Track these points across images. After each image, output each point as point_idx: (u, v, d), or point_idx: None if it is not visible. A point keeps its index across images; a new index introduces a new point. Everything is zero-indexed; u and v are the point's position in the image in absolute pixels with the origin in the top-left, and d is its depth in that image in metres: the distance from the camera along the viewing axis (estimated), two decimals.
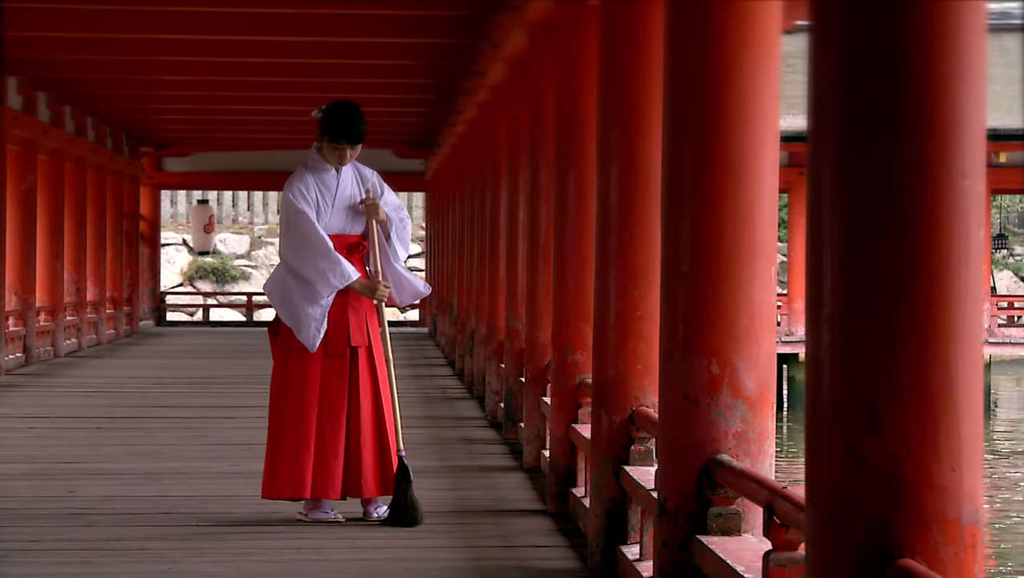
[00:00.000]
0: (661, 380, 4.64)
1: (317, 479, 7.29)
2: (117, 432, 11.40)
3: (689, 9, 4.54)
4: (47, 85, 19.23)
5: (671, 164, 4.59)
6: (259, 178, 30.56)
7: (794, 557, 3.75)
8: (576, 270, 7.72)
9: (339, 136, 7.36)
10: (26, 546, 6.75)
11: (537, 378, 9.36)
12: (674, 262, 4.58)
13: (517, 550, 6.76)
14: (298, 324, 7.28)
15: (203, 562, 6.44)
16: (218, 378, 16.78)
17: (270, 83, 19.17)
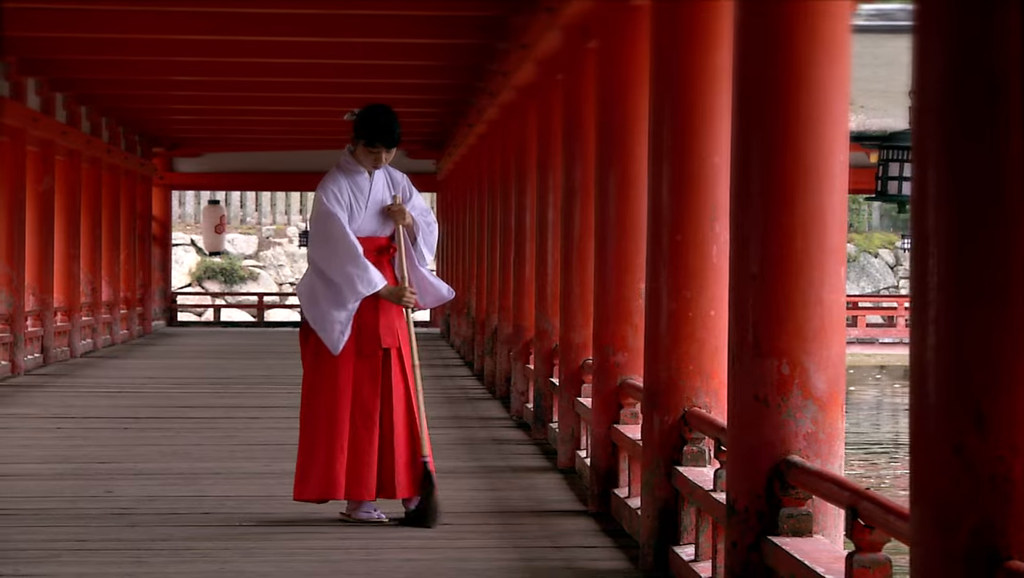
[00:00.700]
0: (730, 381, 4.64)
1: (351, 480, 7.31)
2: (145, 432, 11.40)
3: (759, 9, 4.54)
4: (64, 86, 19.23)
5: (740, 166, 4.60)
6: (270, 178, 30.58)
7: (878, 559, 3.76)
8: (618, 272, 7.73)
9: (375, 139, 7.37)
10: (74, 546, 6.77)
11: (571, 379, 9.36)
12: (744, 263, 4.58)
13: (565, 551, 6.77)
14: (323, 326, 7.29)
15: (254, 562, 6.45)
16: (237, 378, 16.79)
17: (282, 83, 19.19)
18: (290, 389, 15.39)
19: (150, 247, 28.14)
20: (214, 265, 42.35)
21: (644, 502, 6.23)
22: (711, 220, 6.05)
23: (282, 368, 18.43)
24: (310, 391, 7.42)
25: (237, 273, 42.62)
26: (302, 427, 7.45)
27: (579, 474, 9.07)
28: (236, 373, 17.59)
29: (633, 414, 7.64)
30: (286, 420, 12.36)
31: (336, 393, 7.32)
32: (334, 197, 7.31)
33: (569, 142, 9.42)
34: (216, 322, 31.48)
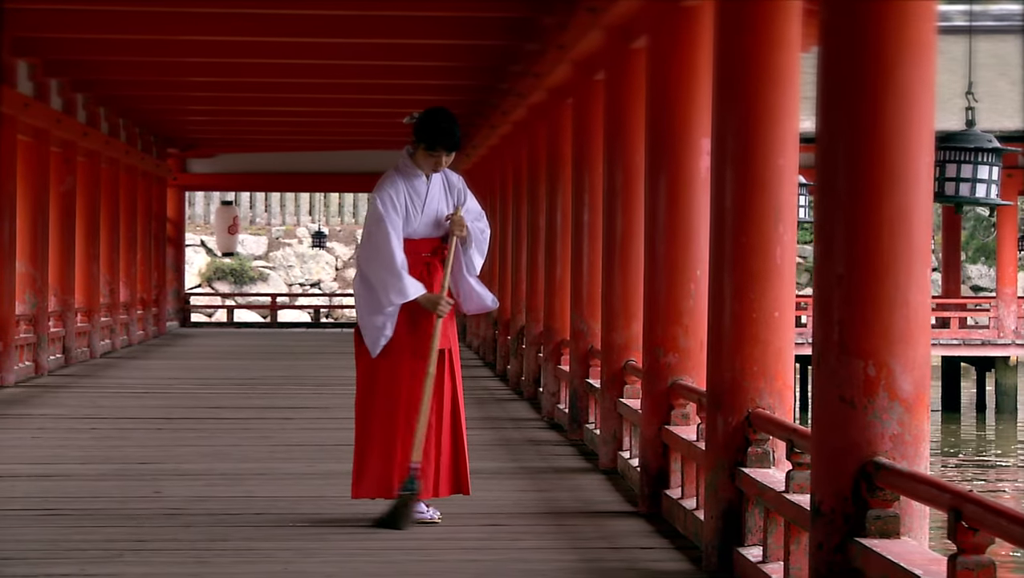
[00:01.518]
0: (815, 382, 4.66)
1: (402, 479, 7.33)
2: (180, 433, 11.42)
3: (846, 9, 4.56)
4: (85, 87, 19.26)
5: (825, 167, 4.61)
6: (283, 179, 30.59)
7: (982, 561, 3.78)
8: (668, 273, 7.75)
9: (436, 143, 7.39)
10: (134, 546, 6.78)
11: (613, 380, 9.38)
12: (829, 264, 4.60)
13: (623, 552, 6.78)
14: (364, 327, 7.35)
15: (316, 562, 6.47)
16: (260, 379, 16.79)
17: (296, 84, 19.22)
18: (315, 390, 15.45)
19: (165, 248, 28.18)
20: (224, 266, 42.41)
21: (707, 503, 6.24)
22: (775, 222, 6.07)
23: (303, 369, 18.48)
24: (365, 391, 7.44)
25: (247, 274, 42.66)
26: (357, 427, 7.48)
27: (622, 475, 9.09)
28: (259, 374, 17.61)
29: (684, 415, 7.66)
30: (318, 421, 12.41)
31: (390, 394, 7.36)
32: (389, 200, 7.33)
33: (611, 143, 9.44)
34: (229, 323, 31.48)
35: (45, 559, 6.47)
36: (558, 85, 12.33)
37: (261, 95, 20.37)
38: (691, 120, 7.68)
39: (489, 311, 7.93)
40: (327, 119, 23.66)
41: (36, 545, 6.77)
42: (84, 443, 10.72)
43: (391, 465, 7.32)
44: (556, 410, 12.44)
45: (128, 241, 23.47)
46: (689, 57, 7.67)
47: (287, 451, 10.31)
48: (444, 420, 7.44)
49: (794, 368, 6.18)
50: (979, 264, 42.31)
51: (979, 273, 42.26)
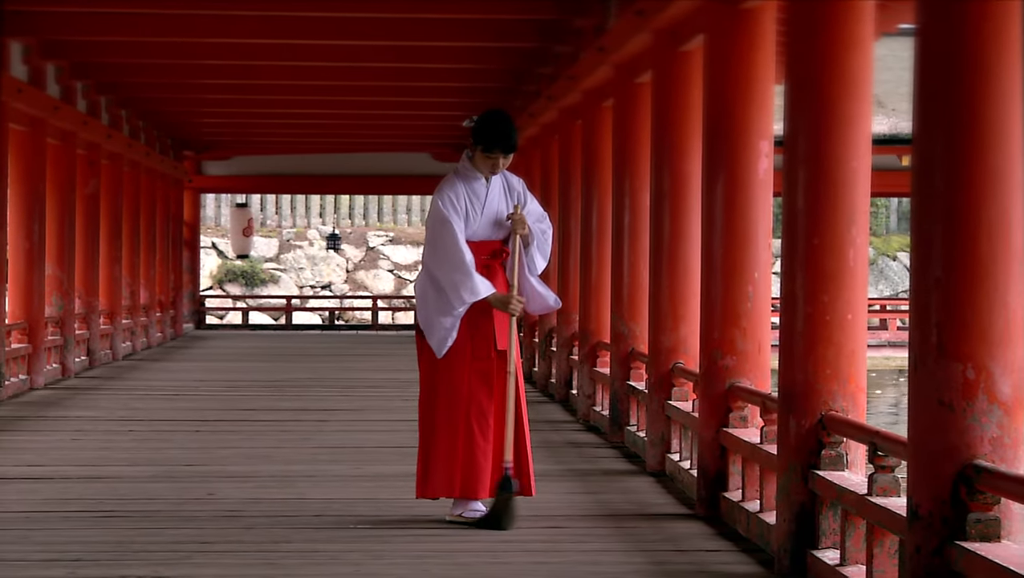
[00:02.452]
0: (911, 385, 4.66)
1: (466, 479, 7.37)
2: (218, 435, 11.41)
3: (944, 12, 4.56)
4: (108, 89, 19.26)
5: (923, 170, 4.61)
6: (298, 181, 30.59)
7: None
8: (726, 275, 7.75)
9: (494, 145, 7.42)
10: (200, 547, 6.78)
11: (661, 382, 9.38)
12: (927, 268, 4.60)
13: (690, 554, 6.78)
14: (430, 329, 7.38)
15: (385, 565, 6.47)
16: (287, 381, 16.77)
17: (312, 86, 19.22)
18: (343, 392, 15.44)
19: (181, 250, 28.19)
20: (235, 268, 42.40)
21: (779, 506, 6.24)
22: (848, 224, 6.07)
23: (327, 371, 18.46)
24: (428, 392, 7.46)
25: (258, 276, 42.66)
26: (421, 428, 7.50)
27: (671, 477, 9.09)
28: (284, 376, 17.58)
29: (742, 418, 7.67)
30: (354, 423, 12.41)
31: (451, 395, 7.40)
32: (450, 203, 7.37)
33: (659, 146, 9.44)
34: (244, 325, 31.47)
35: (116, 561, 6.47)
36: (596, 87, 12.33)
37: (277, 97, 20.38)
38: (749, 122, 7.69)
39: (552, 311, 7.94)
40: (343, 121, 23.68)
41: (103, 546, 6.78)
42: (125, 445, 10.72)
43: (454, 465, 7.36)
44: (592, 413, 12.43)
45: (148, 243, 23.48)
46: (748, 59, 7.67)
47: (330, 453, 10.31)
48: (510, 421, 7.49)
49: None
50: None
51: None
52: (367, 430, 11.86)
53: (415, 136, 26.86)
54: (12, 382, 14.54)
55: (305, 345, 24.82)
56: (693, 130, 9.32)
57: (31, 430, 11.77)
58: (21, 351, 15.09)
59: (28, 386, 15.33)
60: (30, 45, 15.17)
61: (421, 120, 24.08)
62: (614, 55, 10.92)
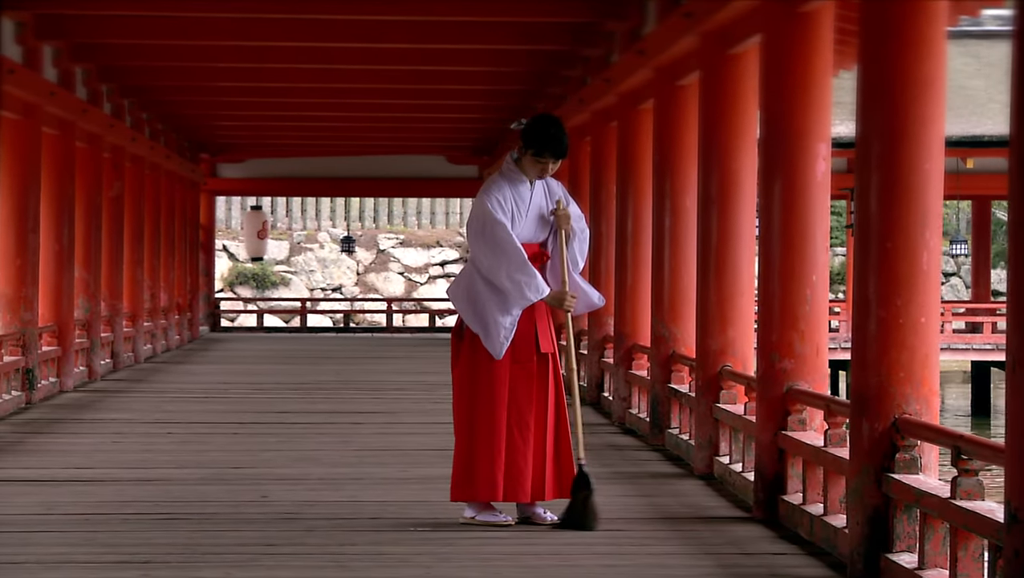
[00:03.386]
0: (1009, 388, 4.65)
1: (508, 483, 7.37)
2: (257, 437, 11.41)
3: None
4: (132, 92, 19.26)
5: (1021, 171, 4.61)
6: (312, 184, 30.62)
7: None
8: (784, 279, 7.75)
9: (544, 150, 7.43)
10: (266, 550, 6.79)
11: (709, 385, 9.38)
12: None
13: (757, 558, 6.78)
14: (487, 331, 7.36)
15: (455, 567, 6.47)
16: (313, 384, 16.77)
17: (328, 89, 19.22)
18: (373, 395, 15.44)
19: (198, 253, 28.21)
20: (246, 271, 42.45)
21: (851, 509, 6.25)
22: (921, 227, 6.08)
23: (351, 373, 18.45)
24: (467, 395, 7.46)
25: (269, 279, 42.70)
26: (459, 430, 7.50)
27: (721, 480, 9.09)
28: (309, 378, 17.57)
29: (801, 421, 7.67)
30: (390, 426, 12.41)
31: (493, 397, 7.40)
32: (498, 204, 7.38)
33: (707, 149, 9.44)
34: (259, 327, 31.48)
35: (186, 563, 6.48)
36: (633, 90, 12.32)
37: (293, 100, 20.37)
38: (807, 125, 7.69)
39: (595, 309, 7.96)
40: (358, 124, 23.68)
41: (169, 549, 6.78)
42: (167, 447, 10.73)
43: (497, 469, 7.36)
44: (628, 415, 12.43)
45: (167, 246, 23.50)
46: (806, 61, 7.68)
47: (374, 456, 10.32)
48: (549, 425, 7.49)
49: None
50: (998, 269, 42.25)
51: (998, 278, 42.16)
52: (404, 433, 11.87)
53: (430, 139, 26.87)
54: (43, 385, 14.54)
55: (322, 347, 24.82)
56: (743, 132, 9.34)
57: (70, 433, 11.78)
58: (51, 354, 15.09)
59: (58, 389, 15.33)
60: (60, 48, 15.17)
61: (437, 123, 24.09)
62: (656, 58, 10.92)
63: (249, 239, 32.51)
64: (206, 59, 16.81)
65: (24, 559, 6.52)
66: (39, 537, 7.08)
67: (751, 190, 9.43)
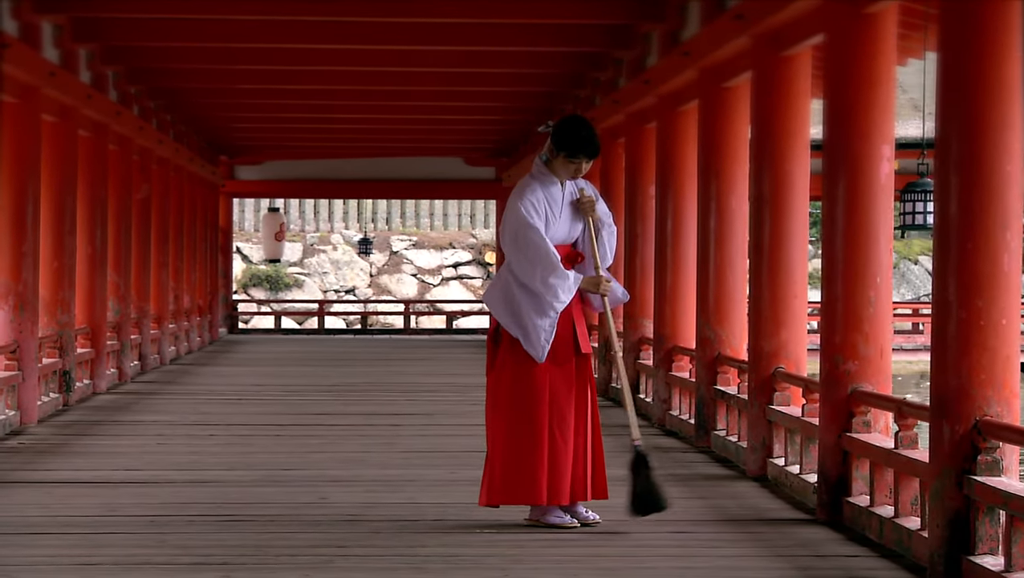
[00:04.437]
0: None
1: (551, 485, 7.38)
2: (300, 439, 11.41)
3: None
4: (160, 95, 19.27)
5: None
6: (330, 186, 30.61)
7: None
8: (847, 281, 7.74)
9: (577, 151, 7.45)
10: (339, 552, 6.78)
11: (762, 387, 9.37)
12: None
13: (831, 560, 6.77)
14: (527, 335, 7.37)
15: (532, 570, 6.47)
16: (344, 386, 16.75)
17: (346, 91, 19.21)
18: (406, 396, 15.42)
19: (218, 254, 28.23)
20: (260, 272, 42.46)
21: (931, 511, 6.24)
22: (1003, 228, 6.07)
23: (379, 375, 18.42)
24: (506, 398, 7.46)
25: (283, 280, 42.71)
26: (496, 433, 7.49)
27: (775, 482, 9.08)
28: (338, 380, 17.55)
29: (865, 422, 7.66)
30: (430, 428, 12.41)
31: (535, 400, 7.41)
32: (532, 207, 7.40)
33: (759, 150, 9.43)
34: (277, 329, 31.49)
35: (262, 565, 6.48)
36: (674, 91, 12.31)
37: (312, 102, 20.36)
38: (871, 126, 7.69)
39: (620, 304, 7.98)
40: (376, 126, 23.68)
41: (241, 550, 6.78)
42: (213, 449, 10.72)
43: (539, 472, 7.37)
44: (669, 417, 12.43)
45: (191, 248, 23.51)
46: (870, 62, 7.68)
47: (422, 458, 10.31)
48: (586, 425, 7.52)
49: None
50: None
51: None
52: (446, 435, 11.87)
53: (449, 141, 26.88)
54: (78, 387, 14.54)
55: (343, 349, 24.81)
56: (795, 133, 9.34)
57: (113, 435, 11.77)
58: (86, 356, 15.10)
59: (92, 391, 15.33)
60: (93, 51, 15.18)
61: (455, 124, 24.09)
62: (702, 60, 10.91)
63: (267, 241, 32.51)
64: (229, 61, 16.80)
65: (99, 561, 6.53)
66: (108, 538, 7.07)
67: (804, 191, 9.44)
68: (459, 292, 42.39)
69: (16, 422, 12.00)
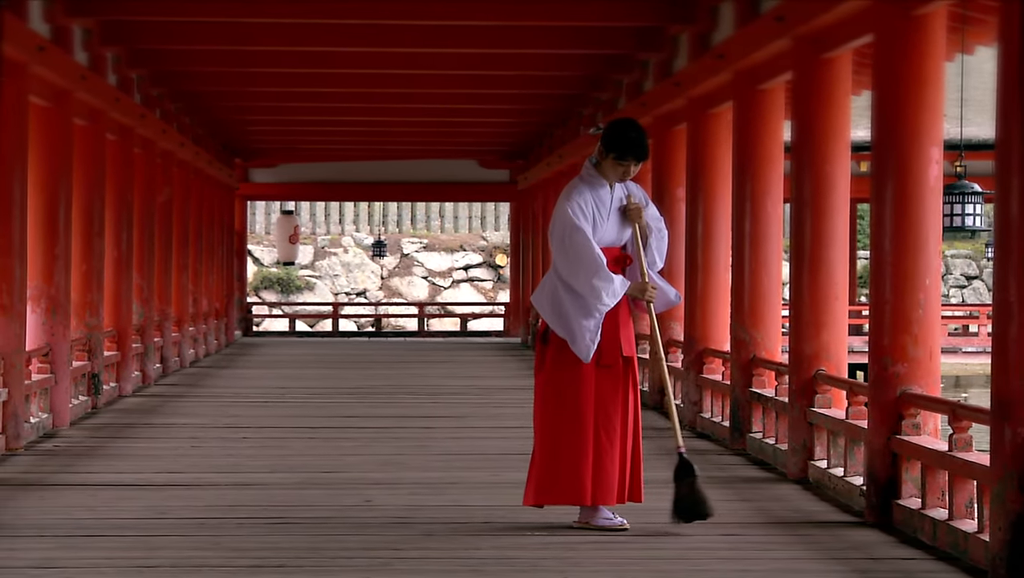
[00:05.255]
0: None
1: (596, 486, 7.39)
2: (334, 442, 11.40)
3: None
4: (181, 97, 19.27)
5: None
6: (343, 189, 30.66)
7: None
8: (896, 283, 7.74)
9: (626, 153, 7.46)
10: (394, 554, 6.78)
11: (803, 389, 9.36)
12: None
13: (888, 563, 6.75)
14: (572, 336, 7.38)
15: (590, 573, 6.47)
16: (367, 388, 16.72)
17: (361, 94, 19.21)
18: (432, 399, 15.40)
19: (234, 257, 28.24)
20: (271, 275, 42.49)
21: (993, 514, 6.23)
22: None
23: (400, 378, 18.39)
24: (552, 399, 7.47)
25: (293, 283, 42.74)
26: (541, 434, 7.50)
27: (817, 484, 9.07)
28: (361, 383, 17.52)
29: (915, 425, 7.66)
30: (462, 430, 12.41)
31: (579, 401, 7.42)
32: (580, 209, 7.41)
33: (800, 151, 9.43)
34: (291, 332, 31.50)
35: (320, 567, 6.48)
36: (707, 94, 12.30)
37: (327, 104, 20.38)
38: (920, 128, 7.68)
39: (673, 306, 7.98)
40: (390, 128, 23.68)
41: (296, 553, 6.78)
42: (249, 452, 10.70)
43: (584, 473, 7.38)
44: (700, 419, 12.42)
45: (208, 251, 23.52)
46: (919, 64, 7.67)
47: (460, 460, 10.30)
48: (629, 428, 7.51)
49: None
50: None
51: None
52: (479, 437, 11.86)
53: (464, 143, 26.88)
54: (105, 390, 14.54)
55: (359, 352, 24.78)
56: (836, 135, 9.35)
57: (146, 437, 11.77)
58: (111, 359, 15.10)
59: (117, 393, 15.33)
60: (119, 54, 15.17)
61: (470, 127, 24.09)
62: (737, 62, 10.91)
63: (281, 243, 32.53)
64: (246, 64, 16.79)
65: (157, 563, 6.53)
66: (162, 541, 7.07)
67: (844, 193, 9.44)
68: (470, 294, 42.43)
69: (49, 425, 12.00)
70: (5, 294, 10.66)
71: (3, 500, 8.42)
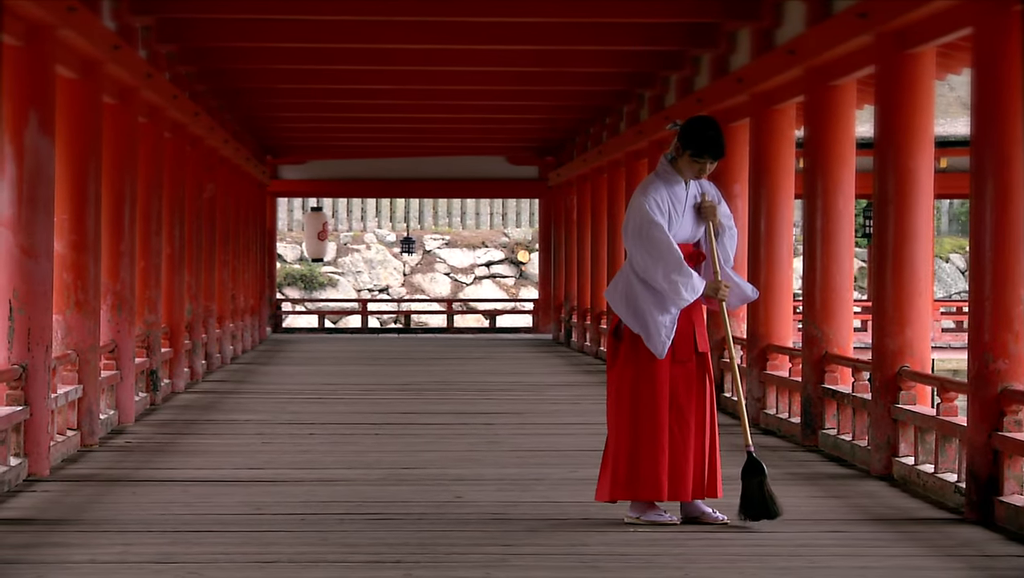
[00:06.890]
0: None
1: (671, 482, 7.41)
2: (400, 438, 11.39)
3: None
4: (221, 95, 19.26)
5: None
6: (372, 185, 30.60)
7: None
8: (997, 279, 7.72)
9: (703, 151, 7.47)
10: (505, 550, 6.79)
11: (887, 386, 9.35)
12: None
13: (1009, 560, 6.71)
14: (647, 331, 7.39)
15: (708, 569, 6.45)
16: (416, 384, 16.70)
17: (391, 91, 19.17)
18: (485, 395, 15.39)
19: (266, 254, 28.25)
20: (294, 272, 42.51)
21: None
22: None
23: (445, 374, 18.37)
24: (627, 394, 7.49)
25: (316, 280, 42.74)
26: (616, 430, 7.53)
27: (903, 481, 9.05)
28: (410, 379, 17.48)
29: (1017, 421, 7.64)
30: (524, 426, 12.40)
31: (654, 397, 7.44)
32: (655, 205, 7.43)
33: (883, 146, 9.40)
34: (320, 328, 31.51)
35: (436, 563, 6.48)
36: (771, 89, 12.28)
37: (356, 101, 20.34)
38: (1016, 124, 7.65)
39: (749, 301, 7.98)
40: (420, 125, 23.66)
41: (409, 548, 6.78)
42: (322, 448, 10.69)
43: (660, 468, 7.40)
44: (763, 416, 12.40)
45: (245, 247, 23.53)
46: (1019, 60, 7.64)
47: (534, 457, 10.29)
48: (706, 423, 7.53)
49: None
50: None
51: None
52: (547, 434, 11.84)
53: (493, 140, 26.85)
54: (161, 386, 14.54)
55: (394, 348, 24.77)
56: (920, 130, 9.33)
57: (213, 434, 11.76)
58: (166, 356, 15.10)
59: (170, 390, 15.34)
60: (174, 52, 15.16)
61: (499, 124, 24.07)
62: (810, 59, 10.88)
63: (309, 240, 32.55)
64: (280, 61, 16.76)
65: (275, 558, 6.52)
66: (272, 537, 7.07)
67: (928, 188, 9.41)
68: (492, 291, 42.41)
69: (115, 421, 12.00)
70: (80, 291, 10.67)
71: (96, 496, 8.43)
